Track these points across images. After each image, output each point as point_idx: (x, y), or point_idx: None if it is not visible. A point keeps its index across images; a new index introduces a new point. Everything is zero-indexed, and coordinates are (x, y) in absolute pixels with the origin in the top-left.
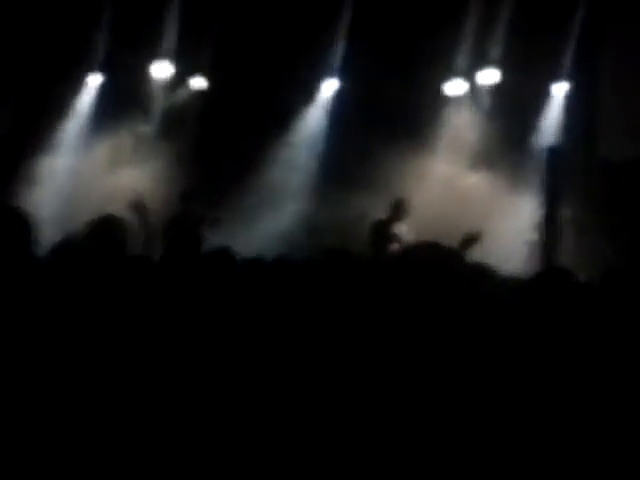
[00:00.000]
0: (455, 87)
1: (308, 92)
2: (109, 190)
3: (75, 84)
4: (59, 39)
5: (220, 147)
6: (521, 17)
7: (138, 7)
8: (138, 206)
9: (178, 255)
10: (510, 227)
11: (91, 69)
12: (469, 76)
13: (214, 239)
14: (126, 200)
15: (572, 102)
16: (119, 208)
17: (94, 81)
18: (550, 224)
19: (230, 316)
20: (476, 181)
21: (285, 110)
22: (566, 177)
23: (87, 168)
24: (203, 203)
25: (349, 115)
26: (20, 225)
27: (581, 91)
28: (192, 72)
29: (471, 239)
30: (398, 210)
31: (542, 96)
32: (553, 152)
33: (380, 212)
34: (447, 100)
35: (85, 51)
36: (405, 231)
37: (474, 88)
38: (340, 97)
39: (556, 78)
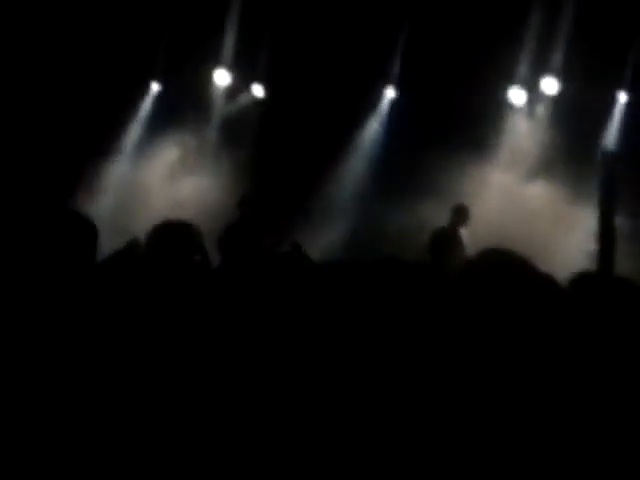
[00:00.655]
0: (516, 96)
1: (367, 99)
2: (171, 197)
3: (137, 92)
4: (121, 48)
5: (279, 154)
6: (582, 26)
7: (199, 15)
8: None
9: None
10: (570, 238)
11: (152, 77)
12: (530, 85)
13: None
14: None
15: (633, 111)
16: (180, 215)
17: (155, 89)
18: (605, 234)
19: (283, 320)
20: (536, 190)
21: (344, 117)
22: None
23: (148, 175)
24: (262, 209)
25: (409, 123)
26: (85, 230)
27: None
28: (251, 80)
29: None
30: (459, 216)
31: (603, 106)
32: (607, 156)
33: (441, 220)
34: (508, 109)
35: (146, 59)
36: (466, 238)
37: (535, 97)
38: (399, 105)
39: (617, 87)
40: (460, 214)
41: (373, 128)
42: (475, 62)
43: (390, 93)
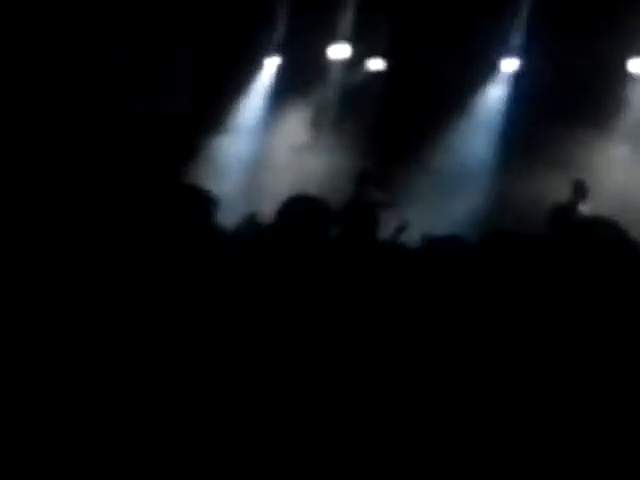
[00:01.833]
0: (637, 66)
1: (487, 71)
2: (293, 173)
3: (253, 66)
4: (237, 22)
5: (399, 128)
6: None
7: None
8: None
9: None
10: None
11: (269, 51)
12: None
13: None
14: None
15: None
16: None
17: (272, 63)
18: None
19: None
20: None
21: (464, 90)
22: None
23: (271, 151)
24: (382, 186)
25: (530, 94)
26: (201, 201)
27: None
28: (370, 53)
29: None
30: (578, 192)
31: None
32: None
33: (561, 193)
34: (631, 79)
35: (263, 33)
36: (587, 213)
37: None
38: (521, 76)
39: None
40: (579, 190)
41: (494, 99)
42: (598, 31)
43: (513, 64)
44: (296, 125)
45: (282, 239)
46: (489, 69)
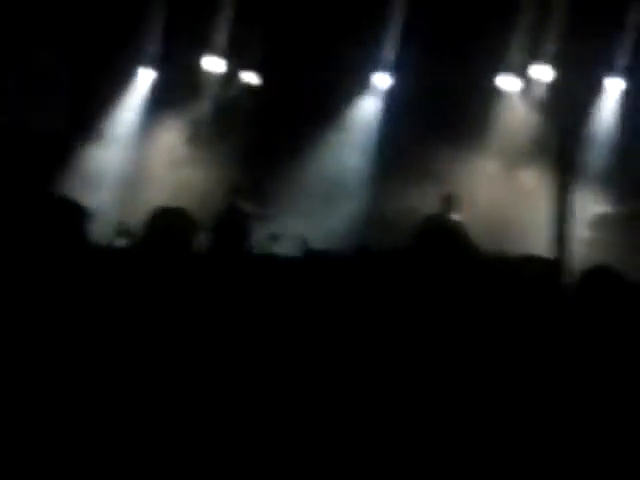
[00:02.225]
0: (508, 83)
1: (361, 86)
2: (165, 185)
3: (128, 78)
4: (110, 34)
5: (274, 141)
6: (575, 13)
7: (189, 2)
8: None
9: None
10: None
11: (142, 63)
12: (522, 72)
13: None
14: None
15: (628, 99)
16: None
17: (146, 75)
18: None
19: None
20: (528, 177)
21: (337, 104)
22: (617, 176)
23: (140, 162)
24: (254, 198)
25: (402, 109)
26: (74, 214)
27: (633, 88)
28: (244, 67)
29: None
30: (449, 204)
31: (596, 93)
32: None
33: (433, 206)
34: (500, 96)
35: (136, 45)
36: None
37: (527, 84)
38: (393, 92)
39: (611, 74)
40: (448, 203)
41: (367, 115)
42: (468, 48)
43: (385, 80)
44: (172, 138)
45: (149, 251)
46: (362, 84)
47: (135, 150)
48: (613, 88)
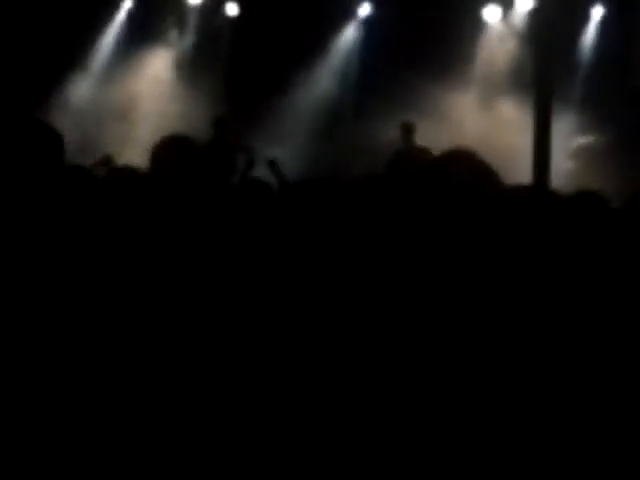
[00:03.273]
0: (491, 13)
1: (343, 14)
2: (152, 118)
3: (109, 7)
4: None
5: (253, 73)
6: None
7: None
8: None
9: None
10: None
11: None
12: (507, 2)
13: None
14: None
15: (607, 27)
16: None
17: (127, 4)
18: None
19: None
20: (510, 106)
21: (319, 33)
22: (598, 105)
23: (125, 94)
24: (236, 129)
25: (383, 40)
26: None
27: (617, 16)
28: None
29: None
30: (407, 132)
31: (579, 21)
32: None
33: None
34: (483, 26)
35: None
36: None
37: (510, 13)
38: (374, 22)
39: (593, 1)
40: (407, 131)
41: (348, 44)
42: None
43: (365, 9)
44: (157, 70)
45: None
46: (345, 13)
47: (119, 82)
48: (596, 15)
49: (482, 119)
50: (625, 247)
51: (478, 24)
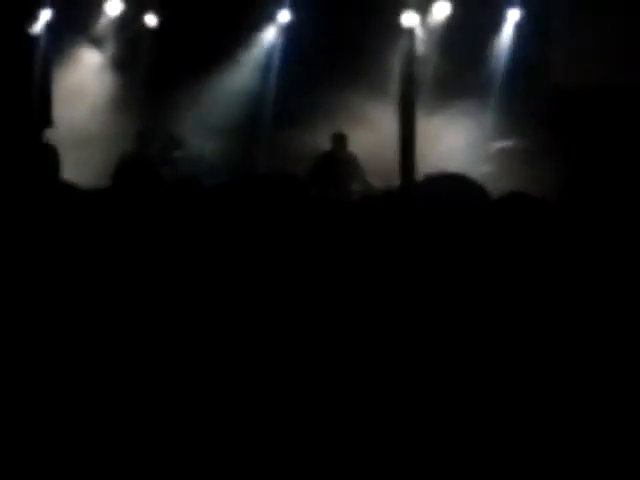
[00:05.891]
0: (408, 20)
1: (262, 21)
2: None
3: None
4: None
5: (173, 83)
6: None
7: None
8: None
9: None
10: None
11: (42, 4)
12: (422, 9)
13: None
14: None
15: (524, 28)
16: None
17: (45, 16)
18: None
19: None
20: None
21: (238, 39)
22: (519, 104)
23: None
24: (158, 140)
25: (301, 47)
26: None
27: (534, 17)
28: (143, 9)
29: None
30: (337, 143)
31: (495, 25)
32: None
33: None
34: (401, 33)
35: None
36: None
37: (427, 21)
38: (293, 29)
39: (509, 5)
40: (338, 141)
41: (269, 49)
42: None
43: (284, 16)
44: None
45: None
46: (264, 19)
47: None
48: (512, 17)
49: (391, 128)
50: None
51: (401, 31)
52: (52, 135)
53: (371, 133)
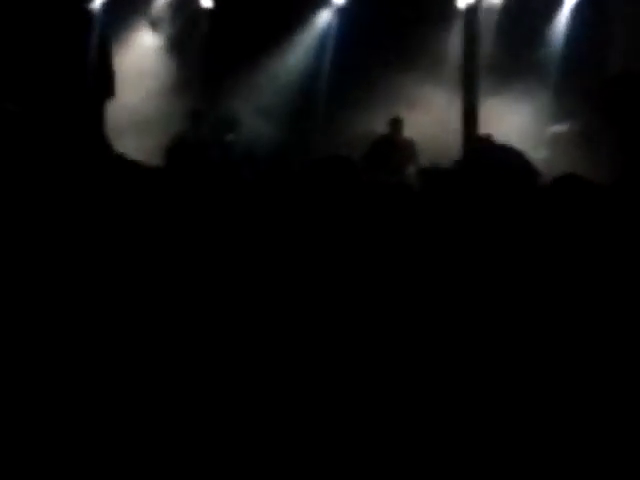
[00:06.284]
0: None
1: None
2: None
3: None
4: None
5: (228, 65)
6: None
7: None
8: None
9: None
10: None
11: None
12: None
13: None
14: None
15: (583, 10)
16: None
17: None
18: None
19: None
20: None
21: (293, 23)
22: (576, 88)
23: None
24: (210, 122)
25: (357, 29)
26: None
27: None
28: None
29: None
30: (394, 126)
31: (553, 6)
32: None
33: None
34: (456, 15)
35: None
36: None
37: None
38: (350, 9)
39: None
40: (395, 125)
41: (324, 29)
42: None
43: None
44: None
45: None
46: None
47: None
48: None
49: (455, 109)
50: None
51: (456, 13)
52: (110, 118)
53: (426, 116)
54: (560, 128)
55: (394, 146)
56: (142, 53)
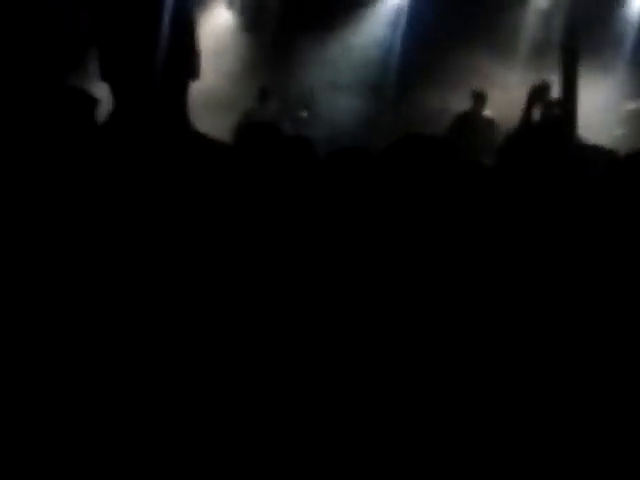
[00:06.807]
0: None
1: None
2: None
3: None
4: None
5: (301, 42)
6: None
7: None
8: None
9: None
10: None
11: None
12: None
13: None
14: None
15: None
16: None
17: None
18: None
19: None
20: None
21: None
22: None
23: None
24: (282, 99)
25: (430, 9)
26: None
27: None
28: None
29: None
30: (478, 100)
31: None
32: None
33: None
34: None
35: None
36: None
37: None
38: None
39: None
40: (478, 99)
41: (394, 8)
42: None
43: None
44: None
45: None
46: None
47: None
48: None
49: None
50: None
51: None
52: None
53: (502, 94)
54: (636, 105)
55: (476, 123)
56: (218, 32)
